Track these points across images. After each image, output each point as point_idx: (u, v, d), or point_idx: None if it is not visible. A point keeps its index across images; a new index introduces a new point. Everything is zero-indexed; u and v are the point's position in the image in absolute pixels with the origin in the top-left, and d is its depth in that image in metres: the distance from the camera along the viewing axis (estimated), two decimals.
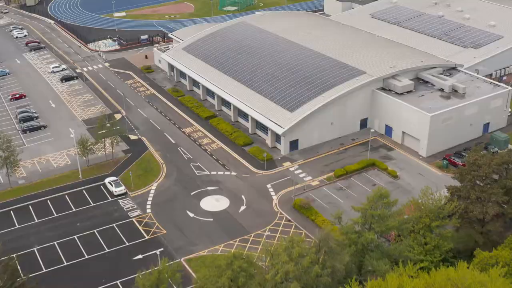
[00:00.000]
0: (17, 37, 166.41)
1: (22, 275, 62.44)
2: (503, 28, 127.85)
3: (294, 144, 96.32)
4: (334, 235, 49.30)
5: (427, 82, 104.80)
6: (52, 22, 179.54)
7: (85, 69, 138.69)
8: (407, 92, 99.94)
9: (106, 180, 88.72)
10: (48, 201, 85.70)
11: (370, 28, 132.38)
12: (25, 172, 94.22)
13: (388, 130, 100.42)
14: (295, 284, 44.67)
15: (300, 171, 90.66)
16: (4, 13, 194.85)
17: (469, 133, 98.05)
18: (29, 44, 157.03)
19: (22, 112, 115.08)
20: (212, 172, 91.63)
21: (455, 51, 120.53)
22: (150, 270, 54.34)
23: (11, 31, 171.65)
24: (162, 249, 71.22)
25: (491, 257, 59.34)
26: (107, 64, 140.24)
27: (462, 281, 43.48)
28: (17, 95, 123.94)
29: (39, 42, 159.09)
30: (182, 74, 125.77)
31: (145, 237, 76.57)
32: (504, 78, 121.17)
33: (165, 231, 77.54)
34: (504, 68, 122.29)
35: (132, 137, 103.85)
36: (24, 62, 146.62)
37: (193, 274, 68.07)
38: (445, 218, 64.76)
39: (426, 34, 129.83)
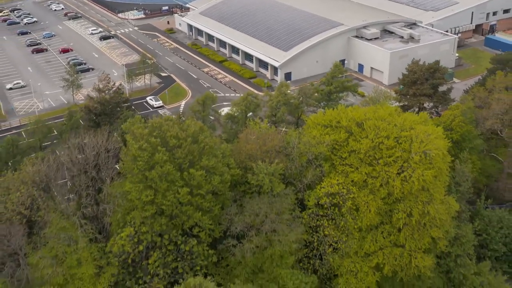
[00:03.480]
0: (55, 10, 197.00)
1: None
2: None
3: (288, 76, 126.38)
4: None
5: (392, 32, 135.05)
6: None
7: (118, 31, 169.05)
8: (374, 38, 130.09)
9: (147, 98, 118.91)
10: None
11: None
12: (82, 96, 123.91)
13: (360, 67, 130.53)
14: (283, 109, 74.37)
15: (292, 93, 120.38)
16: None
17: None
18: (68, 14, 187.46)
19: (73, 59, 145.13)
20: (226, 94, 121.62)
21: (418, 13, 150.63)
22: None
23: (49, 5, 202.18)
24: None
25: None
26: (136, 28, 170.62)
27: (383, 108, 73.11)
28: (66, 49, 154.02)
29: (75, 13, 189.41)
30: (200, 33, 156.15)
31: None
32: (459, 35, 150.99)
33: None
34: (458, 27, 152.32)
35: (163, 74, 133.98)
36: (65, 28, 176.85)
37: None
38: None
39: (396, 2, 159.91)
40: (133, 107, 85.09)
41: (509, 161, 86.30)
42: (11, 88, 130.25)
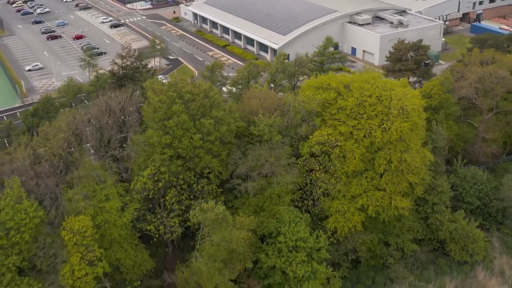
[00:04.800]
0: (66, 1, 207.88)
1: None
2: None
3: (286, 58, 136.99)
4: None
5: (382, 19, 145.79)
6: None
7: (127, 20, 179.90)
8: (366, 24, 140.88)
9: (158, 77, 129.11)
10: None
11: None
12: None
13: (353, 50, 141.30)
14: (281, 76, 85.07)
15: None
16: None
17: None
18: (79, 5, 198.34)
19: (86, 44, 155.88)
20: (230, 74, 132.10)
21: (408, 2, 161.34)
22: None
23: None
24: None
25: None
26: (144, 17, 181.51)
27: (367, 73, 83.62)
28: (79, 35, 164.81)
29: (86, 4, 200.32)
30: (204, 21, 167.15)
31: None
32: (447, 23, 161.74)
33: None
34: (446, 15, 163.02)
35: (171, 57, 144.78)
36: (77, 17, 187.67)
37: None
38: None
39: None
40: (151, 70, 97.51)
41: (483, 126, 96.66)
42: (30, 70, 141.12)
